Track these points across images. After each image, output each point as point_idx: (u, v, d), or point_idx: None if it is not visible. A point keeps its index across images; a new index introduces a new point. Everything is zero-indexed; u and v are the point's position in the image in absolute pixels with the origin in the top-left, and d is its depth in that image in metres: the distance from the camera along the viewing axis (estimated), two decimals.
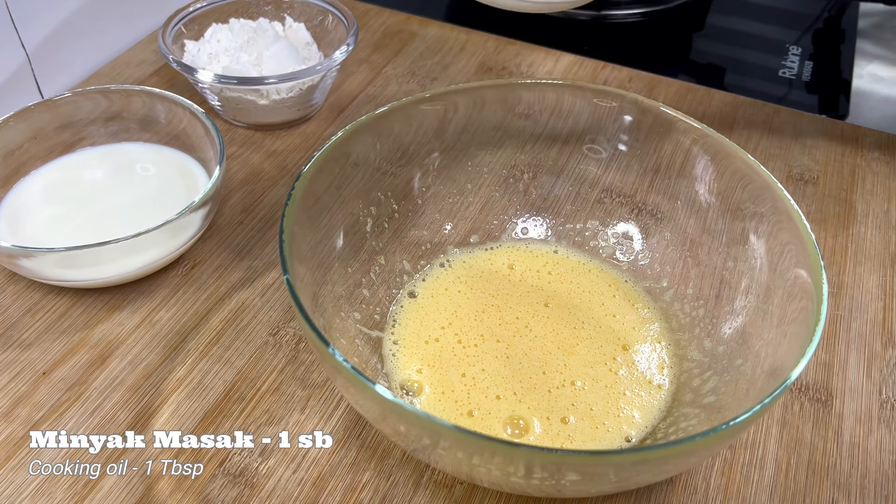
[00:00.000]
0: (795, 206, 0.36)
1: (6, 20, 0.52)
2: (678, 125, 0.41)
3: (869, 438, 0.38)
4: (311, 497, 0.35)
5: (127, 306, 0.43)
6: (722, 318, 0.39)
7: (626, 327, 0.41)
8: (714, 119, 0.57)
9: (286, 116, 0.54)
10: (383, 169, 0.42)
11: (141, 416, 0.38)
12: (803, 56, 0.68)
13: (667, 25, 0.73)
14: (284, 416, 0.38)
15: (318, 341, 0.30)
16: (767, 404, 0.28)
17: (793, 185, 0.52)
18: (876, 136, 0.56)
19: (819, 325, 0.31)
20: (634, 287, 0.43)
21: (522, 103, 0.44)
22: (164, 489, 0.35)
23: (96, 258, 0.40)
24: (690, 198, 0.42)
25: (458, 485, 0.36)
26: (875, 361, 0.42)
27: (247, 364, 0.40)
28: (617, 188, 0.45)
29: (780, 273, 0.36)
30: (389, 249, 0.43)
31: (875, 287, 0.45)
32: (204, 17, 0.57)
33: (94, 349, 0.41)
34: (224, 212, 0.49)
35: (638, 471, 0.30)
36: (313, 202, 0.37)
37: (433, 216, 0.44)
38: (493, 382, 0.38)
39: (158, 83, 0.58)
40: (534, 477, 0.29)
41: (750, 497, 0.36)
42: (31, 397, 0.38)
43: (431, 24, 0.66)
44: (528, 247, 0.45)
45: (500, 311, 0.41)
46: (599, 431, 0.36)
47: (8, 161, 0.46)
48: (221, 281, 0.44)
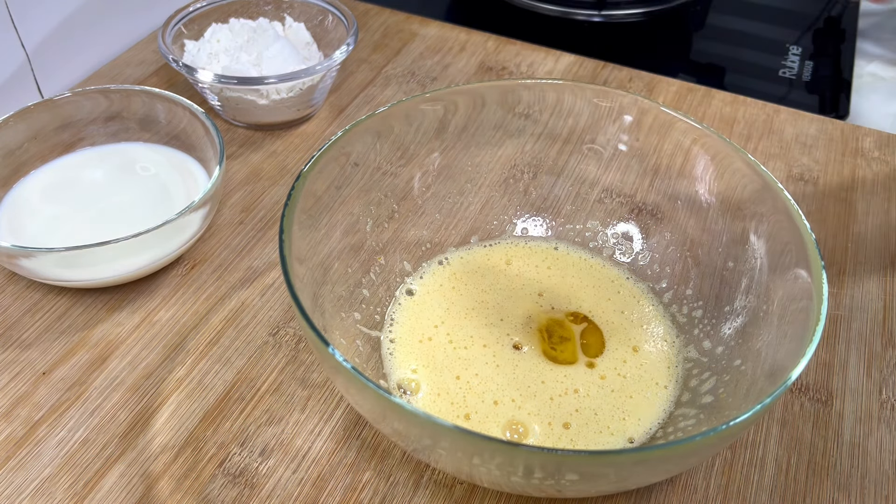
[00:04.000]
0: (795, 206, 0.35)
1: (6, 20, 0.52)
2: (678, 125, 0.41)
3: (869, 438, 0.38)
4: (311, 497, 0.35)
5: (127, 306, 0.43)
6: (722, 318, 0.39)
7: (633, 325, 0.41)
8: (714, 119, 0.57)
9: (286, 116, 0.54)
10: (383, 169, 0.42)
11: (141, 416, 0.38)
12: (803, 56, 0.68)
13: (667, 25, 0.73)
14: (284, 416, 0.38)
15: (318, 341, 0.30)
16: (767, 404, 0.28)
17: (793, 185, 0.52)
18: (876, 136, 0.56)
19: (819, 325, 0.31)
20: (637, 285, 0.43)
21: (522, 103, 0.44)
22: (164, 489, 0.35)
23: (96, 258, 0.40)
24: (690, 198, 0.42)
25: (458, 485, 0.36)
26: (875, 361, 0.42)
27: (247, 364, 0.40)
28: (617, 188, 0.45)
29: (780, 273, 0.36)
30: (389, 249, 0.43)
31: (875, 287, 0.45)
32: (204, 17, 0.57)
33: (94, 349, 0.41)
34: (224, 212, 0.49)
35: (638, 471, 0.30)
36: (313, 202, 0.37)
37: (433, 216, 0.44)
38: (488, 388, 0.38)
39: (158, 83, 0.58)
40: (534, 477, 0.29)
41: (750, 497, 0.36)
42: (31, 397, 0.38)
43: (431, 24, 0.66)
44: (528, 244, 0.45)
45: (487, 307, 0.41)
46: (603, 436, 0.36)
47: (8, 161, 0.46)
48: (221, 281, 0.44)
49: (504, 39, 0.65)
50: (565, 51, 0.64)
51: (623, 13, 0.71)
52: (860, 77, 0.66)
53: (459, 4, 0.74)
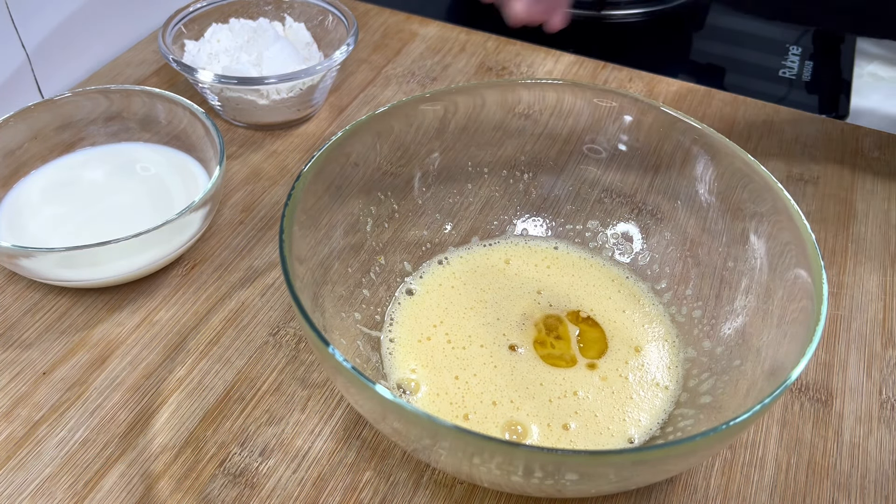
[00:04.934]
0: (795, 206, 0.36)
1: (6, 20, 0.52)
2: (678, 125, 0.41)
3: (869, 438, 0.38)
4: (311, 497, 0.35)
5: (127, 306, 0.43)
6: (722, 318, 0.39)
7: (634, 325, 0.41)
8: (714, 119, 0.57)
9: (286, 116, 0.54)
10: (383, 169, 0.42)
11: (141, 416, 0.38)
12: (803, 56, 0.68)
13: (667, 25, 0.73)
14: (284, 416, 0.38)
15: (318, 341, 0.30)
16: (767, 404, 0.28)
17: (793, 185, 0.52)
18: (876, 136, 0.56)
19: (819, 325, 0.31)
20: (637, 285, 0.43)
21: (522, 103, 0.44)
22: (164, 489, 0.35)
23: (96, 258, 0.40)
24: (690, 198, 0.42)
25: (458, 485, 0.36)
26: (875, 361, 0.42)
27: (247, 364, 0.40)
28: (617, 188, 0.45)
29: (780, 273, 0.36)
30: (389, 249, 0.43)
31: (875, 287, 0.45)
32: (204, 17, 0.57)
33: (94, 349, 0.41)
34: (224, 212, 0.49)
35: (638, 471, 0.30)
36: (313, 202, 0.37)
37: (433, 216, 0.44)
38: (486, 389, 0.38)
39: (158, 83, 0.58)
40: (534, 477, 0.29)
41: (750, 497, 0.36)
42: (31, 397, 0.38)
43: (431, 24, 0.66)
44: (528, 243, 0.45)
45: (486, 307, 0.41)
46: (603, 437, 0.36)
47: (8, 161, 0.46)
48: (221, 281, 0.44)
49: (504, 39, 0.65)
50: (565, 51, 0.64)
51: (623, 13, 0.71)
52: (860, 77, 0.66)
53: (459, 4, 0.74)
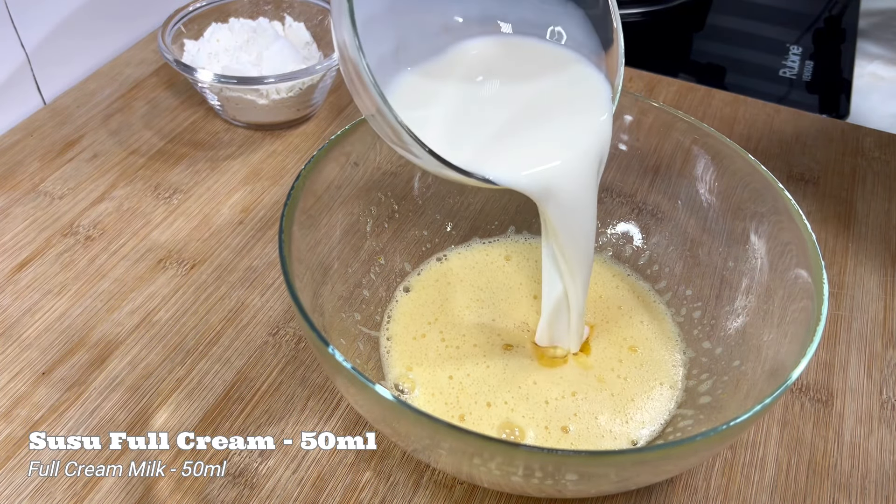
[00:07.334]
0: (796, 206, 0.35)
1: (6, 20, 0.52)
2: (678, 125, 0.41)
3: (869, 438, 0.38)
4: (311, 497, 0.35)
5: (127, 306, 0.43)
6: (722, 318, 0.39)
7: (633, 325, 0.41)
8: (714, 119, 0.57)
9: (286, 116, 0.54)
10: (383, 169, 0.42)
11: (140, 416, 0.38)
12: (804, 56, 0.68)
13: (667, 25, 0.73)
14: (284, 416, 0.38)
15: (318, 341, 0.30)
16: (768, 405, 0.28)
17: (793, 185, 0.52)
18: (876, 136, 0.56)
19: (819, 326, 0.31)
20: (637, 284, 0.43)
21: None
22: (163, 489, 0.35)
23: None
24: (690, 198, 0.42)
25: (458, 485, 0.36)
26: (875, 361, 0.42)
27: (246, 364, 0.40)
28: (617, 188, 0.45)
29: (780, 273, 0.36)
30: (389, 249, 0.43)
31: (875, 287, 0.45)
32: (204, 17, 0.57)
33: (94, 349, 0.41)
34: (224, 212, 0.49)
35: (638, 471, 0.30)
36: (313, 202, 0.37)
37: (433, 216, 0.44)
38: (481, 389, 0.38)
39: (159, 83, 0.58)
40: (534, 477, 0.29)
41: (750, 497, 0.36)
42: (30, 397, 0.38)
43: None
44: (527, 241, 0.45)
45: (482, 306, 0.41)
46: (605, 440, 0.36)
47: None
48: (221, 281, 0.44)
49: None
50: None
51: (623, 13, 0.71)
52: (860, 77, 0.66)
53: None
